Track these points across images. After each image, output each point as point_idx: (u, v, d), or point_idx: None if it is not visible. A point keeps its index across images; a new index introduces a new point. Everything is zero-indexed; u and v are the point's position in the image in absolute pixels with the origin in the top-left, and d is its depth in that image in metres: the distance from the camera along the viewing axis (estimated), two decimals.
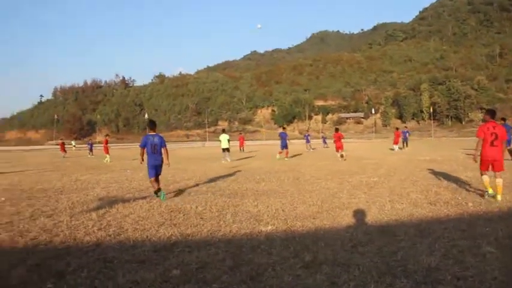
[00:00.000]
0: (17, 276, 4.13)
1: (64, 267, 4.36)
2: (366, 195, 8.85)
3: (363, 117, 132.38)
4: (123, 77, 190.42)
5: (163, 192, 9.04)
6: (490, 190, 8.00)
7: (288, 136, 23.77)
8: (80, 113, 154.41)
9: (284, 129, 25.69)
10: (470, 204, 7.46)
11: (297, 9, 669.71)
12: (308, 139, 37.44)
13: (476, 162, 8.40)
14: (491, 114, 8.27)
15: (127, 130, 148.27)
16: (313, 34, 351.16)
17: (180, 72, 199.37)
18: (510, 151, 16.99)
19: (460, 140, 63.23)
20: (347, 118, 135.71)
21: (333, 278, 3.90)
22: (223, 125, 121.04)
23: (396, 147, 30.04)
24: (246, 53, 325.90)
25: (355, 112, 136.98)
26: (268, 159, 23.48)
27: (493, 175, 8.04)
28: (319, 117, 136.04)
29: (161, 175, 9.57)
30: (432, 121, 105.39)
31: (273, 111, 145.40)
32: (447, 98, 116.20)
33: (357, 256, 4.56)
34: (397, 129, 33.35)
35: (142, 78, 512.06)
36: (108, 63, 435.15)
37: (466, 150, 25.71)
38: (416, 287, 3.66)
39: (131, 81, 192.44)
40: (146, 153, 9.14)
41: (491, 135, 7.99)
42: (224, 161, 21.03)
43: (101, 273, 4.17)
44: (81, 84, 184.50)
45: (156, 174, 9.14)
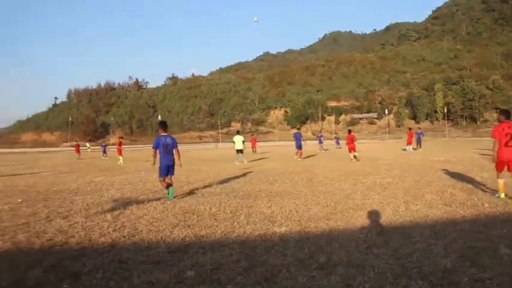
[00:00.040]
0: (34, 277, 4.17)
1: (80, 268, 4.39)
2: (380, 196, 8.79)
3: (376, 118, 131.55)
4: (136, 79, 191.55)
5: (172, 188, 9.17)
6: (502, 195, 7.90)
7: (302, 137, 23.78)
8: (93, 115, 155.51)
9: (298, 129, 25.75)
10: (486, 205, 7.36)
11: (309, 10, 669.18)
12: (321, 140, 37.53)
13: (495, 163, 8.29)
14: (506, 115, 8.12)
15: (140, 132, 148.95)
16: (326, 35, 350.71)
17: (192, 73, 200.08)
18: None
19: (475, 140, 62.57)
20: (360, 119, 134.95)
21: (347, 279, 3.87)
22: (236, 126, 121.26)
23: (409, 147, 29.84)
24: (259, 54, 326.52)
25: (368, 113, 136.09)
26: (281, 160, 23.44)
27: (510, 175, 7.95)
28: (332, 118, 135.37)
29: (174, 176, 9.61)
30: (446, 121, 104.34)
31: (286, 112, 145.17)
32: (461, 98, 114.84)
33: (372, 258, 4.53)
34: (410, 129, 33.13)
35: (155, 80, 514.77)
36: (121, 66, 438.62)
37: (481, 151, 25.43)
38: None
39: (144, 83, 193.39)
40: (158, 154, 9.22)
41: (506, 135, 7.87)
42: (238, 162, 20.94)
43: (116, 274, 4.19)
44: (95, 86, 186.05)
45: (168, 174, 9.23)
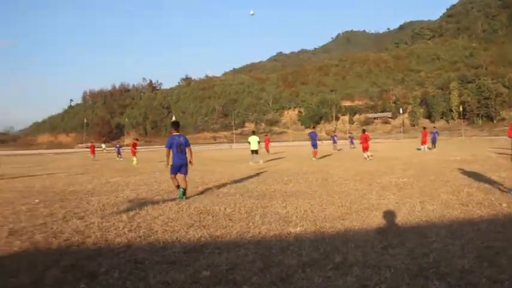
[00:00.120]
0: (52, 276, 4.21)
1: (96, 268, 4.42)
2: (396, 196, 8.72)
3: (390, 117, 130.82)
4: (150, 81, 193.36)
5: (181, 190, 9.24)
6: None
7: (317, 136, 23.77)
8: (108, 117, 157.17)
9: (314, 128, 25.78)
10: (504, 205, 7.26)
11: (322, 10, 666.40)
12: (335, 140, 37.50)
13: None
14: None
15: (155, 133, 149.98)
16: (339, 34, 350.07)
17: (206, 74, 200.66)
18: None
19: (492, 139, 61.83)
20: (374, 118, 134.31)
21: (363, 280, 3.85)
22: (250, 126, 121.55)
23: (424, 147, 29.57)
24: (272, 55, 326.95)
25: (382, 112, 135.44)
26: (295, 160, 23.40)
27: None
28: (346, 118, 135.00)
29: (189, 177, 9.66)
30: (462, 120, 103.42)
31: (300, 112, 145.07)
32: (477, 96, 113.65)
33: (388, 258, 4.49)
34: (425, 128, 32.84)
35: (169, 81, 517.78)
36: (135, 67, 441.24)
37: (498, 150, 25.11)
38: None
39: (158, 84, 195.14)
40: (171, 154, 9.30)
41: None
42: (252, 162, 20.89)
43: (132, 274, 4.21)
44: (109, 88, 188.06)
45: (180, 172, 9.37)
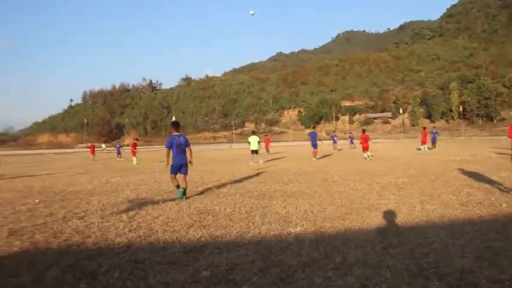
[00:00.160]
0: (52, 276, 4.21)
1: (96, 268, 4.43)
2: (396, 196, 8.72)
3: (390, 117, 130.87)
4: (150, 81, 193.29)
5: (181, 190, 9.25)
6: None
7: (318, 136, 23.79)
8: (108, 117, 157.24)
9: (314, 128, 25.81)
10: (504, 205, 7.26)
11: (323, 10, 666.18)
12: (335, 140, 37.55)
13: None
14: None
15: (155, 133, 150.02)
16: (339, 34, 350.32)
17: (206, 74, 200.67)
18: None
19: (492, 139, 61.77)
20: (374, 118, 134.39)
21: (363, 280, 3.85)
22: (250, 126, 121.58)
23: (424, 147, 29.56)
24: (272, 55, 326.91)
25: (382, 112, 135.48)
26: (295, 160, 23.39)
27: None
28: (346, 118, 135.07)
29: (189, 177, 9.66)
30: (462, 120, 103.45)
31: (300, 112, 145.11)
32: (477, 96, 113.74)
33: (388, 258, 4.49)
34: (424, 128, 32.83)
35: (169, 81, 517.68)
36: (135, 67, 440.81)
37: (498, 150, 25.10)
38: None
39: (158, 84, 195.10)
40: (171, 154, 9.31)
41: None
42: (252, 162, 20.86)
43: (133, 274, 4.21)
44: (109, 88, 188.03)
45: (180, 172, 9.37)
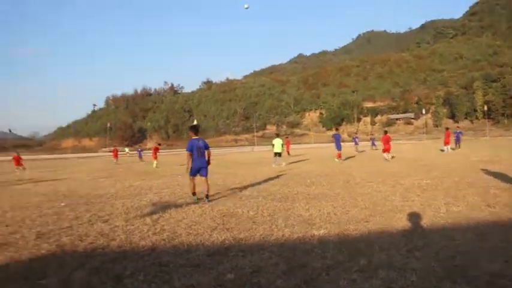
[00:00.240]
0: (78, 279, 4.27)
1: (122, 271, 4.47)
2: (420, 197, 8.60)
3: (413, 118, 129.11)
4: (172, 84, 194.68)
5: (195, 197, 9.48)
6: None
7: (341, 137, 23.71)
8: (130, 121, 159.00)
9: (337, 130, 25.71)
10: None
11: (343, 11, 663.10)
12: (356, 141, 37.42)
13: None
14: None
15: (176, 136, 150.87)
16: (360, 35, 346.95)
17: (227, 77, 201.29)
18: None
19: None
20: (397, 119, 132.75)
21: (389, 283, 3.80)
22: (271, 129, 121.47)
23: (448, 147, 29.12)
24: (292, 56, 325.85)
25: (404, 113, 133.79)
26: (317, 162, 23.27)
27: None
28: (368, 119, 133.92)
29: (211, 180, 9.70)
30: (487, 120, 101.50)
31: (321, 114, 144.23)
32: (502, 95, 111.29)
33: (413, 260, 4.43)
34: (447, 129, 32.32)
35: (190, 84, 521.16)
36: (156, 71, 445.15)
37: None
38: None
39: (179, 88, 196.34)
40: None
41: None
42: (275, 165, 20.85)
43: (157, 277, 4.24)
44: (131, 92, 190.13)
45: (200, 175, 9.44)
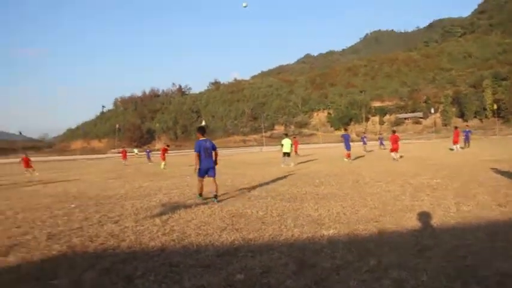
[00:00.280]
0: (89, 279, 4.29)
1: (132, 272, 4.49)
2: (430, 197, 8.56)
3: (421, 117, 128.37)
4: (180, 85, 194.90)
5: (200, 196, 9.62)
6: None
7: (350, 137, 23.70)
8: (139, 122, 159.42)
9: (346, 130, 25.76)
10: None
11: (350, 10, 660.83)
12: (365, 141, 37.39)
13: None
14: None
15: (185, 137, 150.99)
16: (367, 34, 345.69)
17: (234, 78, 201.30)
18: None
19: None
20: (405, 118, 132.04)
21: (400, 283, 3.78)
22: (280, 129, 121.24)
23: (457, 146, 28.94)
24: (300, 57, 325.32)
25: (413, 112, 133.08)
26: (326, 162, 23.24)
27: None
28: (376, 119, 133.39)
29: (220, 181, 9.72)
30: (496, 119, 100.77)
31: (329, 114, 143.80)
32: None
33: (424, 260, 4.41)
34: (456, 128, 32.12)
35: (198, 85, 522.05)
36: (164, 72, 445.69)
37: None
38: None
39: (187, 89, 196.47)
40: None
41: None
42: (284, 165, 20.88)
43: (167, 278, 4.25)
44: (139, 94, 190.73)
45: (208, 175, 9.50)
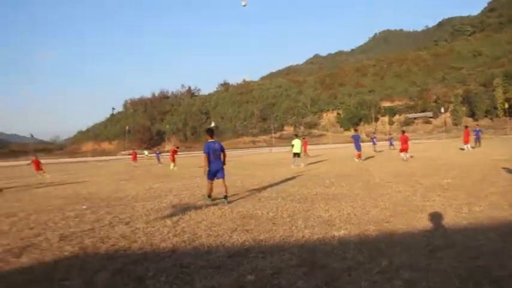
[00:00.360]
0: (101, 280, 4.32)
1: (143, 273, 4.51)
2: (441, 197, 8.50)
3: (431, 117, 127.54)
4: (189, 87, 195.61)
5: (208, 197, 9.71)
6: None
7: (360, 138, 23.68)
8: (149, 124, 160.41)
9: (356, 131, 25.75)
10: None
11: (358, 10, 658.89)
12: (374, 141, 37.25)
13: None
14: None
15: (194, 138, 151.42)
16: (376, 34, 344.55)
17: (243, 79, 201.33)
18: None
19: None
20: (415, 118, 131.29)
21: (411, 284, 3.76)
22: (289, 130, 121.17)
23: (467, 146, 28.73)
24: (309, 57, 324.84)
25: (423, 112, 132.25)
26: (336, 162, 23.18)
27: None
28: (386, 119, 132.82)
29: (229, 182, 9.73)
30: (508, 118, 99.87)
31: (338, 114, 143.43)
32: None
33: (436, 261, 4.38)
34: (467, 127, 31.88)
35: (207, 87, 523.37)
36: (174, 74, 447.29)
37: None
38: None
39: (197, 90, 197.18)
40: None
41: None
42: (294, 165, 20.85)
43: (179, 279, 4.27)
44: (149, 95, 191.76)
45: (217, 177, 9.55)
